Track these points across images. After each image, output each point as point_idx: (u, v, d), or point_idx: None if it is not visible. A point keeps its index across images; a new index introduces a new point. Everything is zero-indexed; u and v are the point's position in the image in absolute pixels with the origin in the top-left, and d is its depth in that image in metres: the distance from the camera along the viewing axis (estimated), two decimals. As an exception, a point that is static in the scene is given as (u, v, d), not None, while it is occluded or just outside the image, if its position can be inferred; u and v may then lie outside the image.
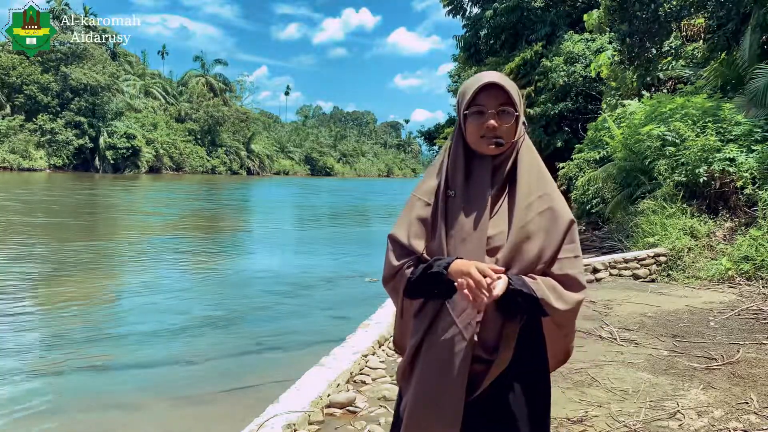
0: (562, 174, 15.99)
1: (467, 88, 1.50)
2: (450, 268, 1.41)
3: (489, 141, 1.46)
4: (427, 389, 1.48)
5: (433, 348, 1.48)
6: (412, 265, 1.50)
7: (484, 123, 1.45)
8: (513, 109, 1.47)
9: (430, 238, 1.50)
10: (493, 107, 1.46)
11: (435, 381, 1.47)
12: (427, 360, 1.49)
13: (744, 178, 8.18)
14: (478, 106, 1.47)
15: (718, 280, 7.09)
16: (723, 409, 3.30)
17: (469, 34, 24.24)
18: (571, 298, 1.45)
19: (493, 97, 1.46)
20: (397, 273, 1.52)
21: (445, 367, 1.45)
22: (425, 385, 1.48)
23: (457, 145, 1.52)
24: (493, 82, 1.45)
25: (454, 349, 1.44)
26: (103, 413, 4.39)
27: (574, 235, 1.49)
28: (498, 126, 1.45)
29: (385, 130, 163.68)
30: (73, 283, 8.77)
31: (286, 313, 7.64)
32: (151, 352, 5.86)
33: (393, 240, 1.55)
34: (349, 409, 3.28)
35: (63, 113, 51.38)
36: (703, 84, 11.25)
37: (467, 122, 1.49)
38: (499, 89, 1.45)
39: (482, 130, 1.46)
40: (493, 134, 1.45)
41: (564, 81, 19.40)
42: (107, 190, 31.74)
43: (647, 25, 12.25)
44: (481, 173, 1.50)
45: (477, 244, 1.45)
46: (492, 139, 1.46)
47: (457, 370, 1.43)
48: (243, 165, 78.58)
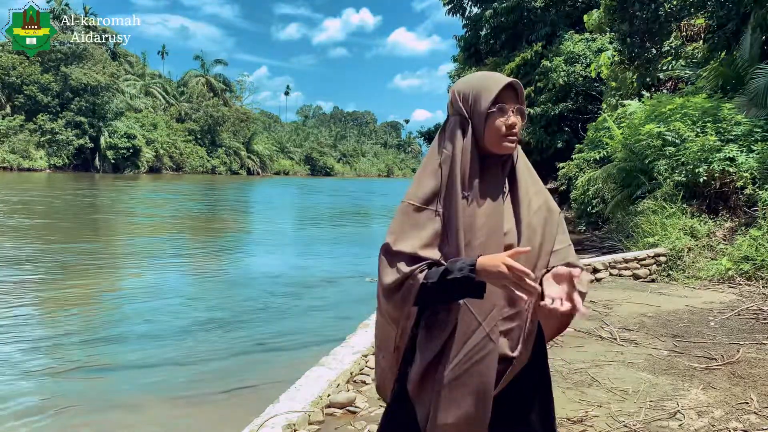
0: (562, 174, 16.00)
1: (486, 87, 1.48)
2: (478, 267, 1.36)
3: (509, 139, 1.47)
4: (459, 396, 1.45)
5: (459, 354, 1.44)
6: (425, 269, 1.42)
7: (506, 121, 1.46)
8: (522, 110, 1.51)
9: (446, 245, 1.45)
10: (513, 106, 1.48)
11: (467, 388, 1.44)
12: (456, 367, 1.44)
13: (744, 178, 8.18)
14: (502, 104, 1.47)
15: (718, 280, 7.09)
16: (723, 409, 3.30)
17: (469, 34, 24.27)
18: (586, 279, 1.51)
19: (511, 97, 1.49)
20: (406, 280, 1.42)
21: (476, 372, 1.44)
22: (457, 392, 1.45)
23: (471, 146, 1.47)
24: (512, 83, 1.48)
25: (483, 352, 1.43)
26: (103, 413, 4.39)
27: (564, 225, 1.58)
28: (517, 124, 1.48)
29: (385, 130, 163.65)
30: (72, 283, 8.77)
31: (286, 313, 7.63)
32: (150, 352, 5.86)
33: (390, 251, 1.45)
34: (349, 409, 3.28)
35: (63, 113, 51.35)
36: (703, 84, 11.25)
37: (489, 120, 1.46)
38: (513, 90, 1.49)
39: (506, 128, 1.46)
40: (513, 132, 1.47)
41: (564, 81, 19.39)
42: (108, 191, 31.75)
43: (647, 25, 12.25)
44: (494, 173, 1.50)
45: (496, 245, 1.45)
46: (513, 137, 1.47)
47: (488, 373, 1.44)
48: (243, 165, 78.58)
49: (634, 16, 12.39)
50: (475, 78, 1.54)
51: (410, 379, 1.53)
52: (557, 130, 20.59)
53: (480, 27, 23.41)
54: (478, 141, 1.49)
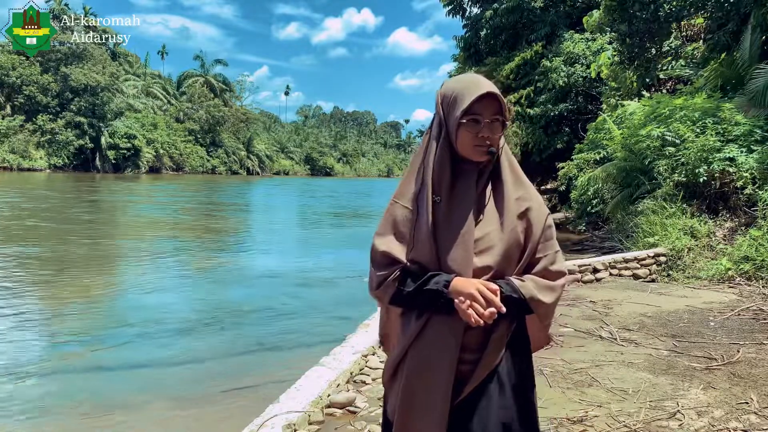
0: (562, 174, 15.99)
1: (461, 95, 1.45)
2: (451, 287, 1.42)
3: (482, 150, 1.45)
4: (414, 391, 1.49)
5: (420, 350, 1.49)
6: (398, 276, 1.48)
7: (479, 133, 1.44)
8: (503, 118, 1.46)
9: (415, 245, 1.47)
10: (488, 117, 1.44)
11: (422, 383, 1.48)
12: (414, 363, 1.49)
13: (744, 178, 8.18)
14: (475, 115, 1.44)
15: (718, 280, 7.09)
16: (723, 409, 3.30)
17: (469, 34, 24.25)
18: (556, 287, 1.50)
19: (488, 106, 1.44)
20: (382, 283, 1.49)
21: (431, 368, 1.46)
22: (412, 387, 1.49)
23: (444, 150, 1.48)
24: (490, 92, 1.43)
25: (442, 351, 1.46)
26: (103, 413, 4.39)
27: (551, 231, 1.54)
28: (491, 136, 1.44)
29: (386, 130, 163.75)
30: (72, 283, 8.77)
31: (286, 313, 7.63)
32: (150, 352, 5.86)
33: (375, 249, 1.52)
34: (349, 409, 3.28)
35: (63, 113, 51.35)
36: (703, 84, 11.25)
37: (461, 130, 1.45)
38: (493, 98, 1.44)
39: (477, 139, 1.44)
40: (486, 144, 1.44)
41: (564, 81, 19.39)
42: (108, 191, 31.74)
43: (647, 25, 12.25)
44: (467, 179, 1.48)
45: (465, 249, 1.45)
46: (485, 148, 1.45)
47: (444, 371, 1.45)
48: (243, 165, 78.59)
49: (634, 17, 12.39)
50: (460, 81, 1.51)
51: (384, 369, 1.60)
52: (557, 130, 20.56)
53: (480, 27, 23.39)
54: (452, 145, 1.48)
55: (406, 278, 1.48)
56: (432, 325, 1.48)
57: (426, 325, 1.49)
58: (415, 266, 1.48)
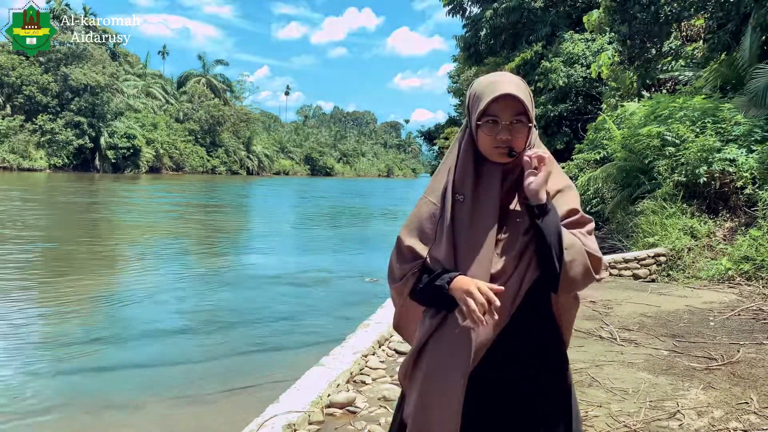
0: (562, 174, 15.95)
1: (480, 95, 1.43)
2: (452, 284, 1.40)
3: (502, 151, 1.42)
4: (430, 391, 1.47)
5: (437, 350, 1.47)
6: (417, 272, 1.49)
7: (497, 134, 1.41)
8: (527, 119, 1.42)
9: (437, 243, 1.47)
10: (507, 118, 1.41)
11: (437, 384, 1.46)
12: (432, 362, 1.48)
13: (744, 178, 8.18)
14: (492, 116, 1.41)
15: (718, 280, 7.08)
16: (723, 409, 3.30)
17: (468, 34, 24.23)
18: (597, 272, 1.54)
19: (507, 107, 1.40)
20: (403, 278, 1.51)
21: (447, 369, 1.44)
22: (429, 388, 1.47)
23: (467, 150, 1.47)
24: (508, 93, 1.39)
25: (458, 351, 1.43)
26: (103, 413, 4.39)
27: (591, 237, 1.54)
28: (511, 138, 1.41)
29: (386, 130, 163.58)
30: (72, 283, 8.77)
31: (286, 313, 7.63)
32: (150, 352, 5.86)
33: (401, 242, 1.53)
34: (349, 409, 3.28)
35: (63, 113, 51.29)
36: (703, 84, 11.25)
37: (479, 132, 1.43)
38: (514, 99, 1.40)
39: (495, 141, 1.41)
40: (506, 145, 1.41)
41: (564, 82, 19.38)
42: (108, 191, 31.73)
43: (647, 26, 12.25)
44: (491, 179, 1.45)
45: (486, 251, 1.42)
46: (505, 149, 1.41)
47: (458, 373, 1.42)
48: (243, 165, 78.52)
49: (634, 17, 12.39)
50: (483, 81, 1.48)
51: (401, 367, 1.58)
52: (557, 130, 20.55)
53: (480, 27, 23.38)
54: (476, 145, 1.47)
55: (424, 274, 1.49)
56: (447, 324, 1.47)
57: (441, 323, 1.48)
58: (435, 263, 1.47)
